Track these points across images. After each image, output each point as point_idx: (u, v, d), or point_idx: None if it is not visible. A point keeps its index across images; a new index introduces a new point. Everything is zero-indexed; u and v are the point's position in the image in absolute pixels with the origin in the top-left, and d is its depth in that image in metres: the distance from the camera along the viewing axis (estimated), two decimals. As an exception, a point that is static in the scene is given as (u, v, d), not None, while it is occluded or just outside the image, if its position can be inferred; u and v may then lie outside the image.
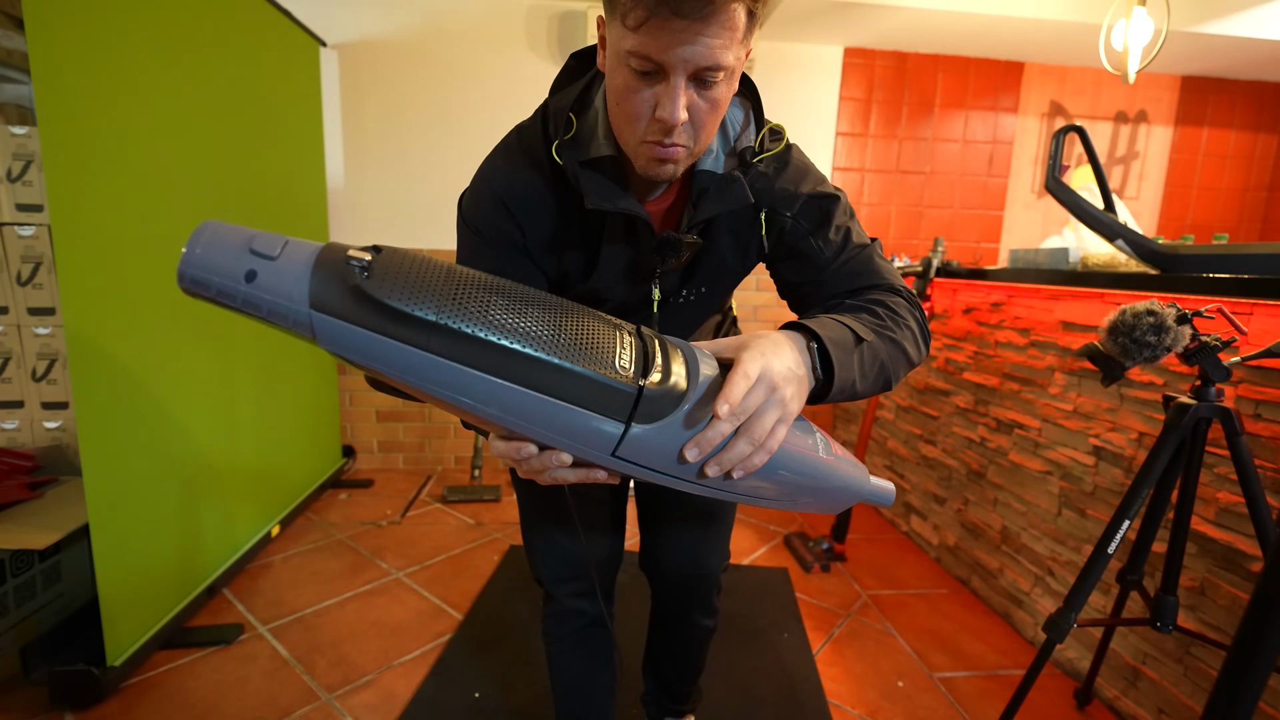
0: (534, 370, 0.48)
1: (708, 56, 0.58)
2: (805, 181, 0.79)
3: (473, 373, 0.46)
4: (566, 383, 0.48)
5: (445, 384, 0.47)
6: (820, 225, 0.78)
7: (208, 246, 0.43)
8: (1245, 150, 3.26)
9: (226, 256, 0.43)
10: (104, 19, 1.38)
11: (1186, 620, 1.28)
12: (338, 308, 0.44)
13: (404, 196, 2.83)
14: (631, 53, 0.59)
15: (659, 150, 0.65)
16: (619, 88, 0.64)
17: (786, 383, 0.55)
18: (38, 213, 1.68)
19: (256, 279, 0.43)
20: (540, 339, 0.48)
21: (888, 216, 3.13)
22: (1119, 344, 1.05)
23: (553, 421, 0.50)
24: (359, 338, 0.45)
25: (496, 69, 2.77)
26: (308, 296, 0.44)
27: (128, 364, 1.47)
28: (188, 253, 0.42)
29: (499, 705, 1.43)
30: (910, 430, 2.42)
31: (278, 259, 0.44)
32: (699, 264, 0.82)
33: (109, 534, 1.40)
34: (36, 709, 1.36)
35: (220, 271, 0.43)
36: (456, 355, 0.46)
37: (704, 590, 1.09)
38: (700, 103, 0.63)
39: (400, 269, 0.46)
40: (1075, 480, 1.62)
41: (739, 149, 0.76)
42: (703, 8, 0.55)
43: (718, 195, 0.74)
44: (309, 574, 1.98)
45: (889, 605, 1.92)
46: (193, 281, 0.43)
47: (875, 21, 2.66)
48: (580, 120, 0.74)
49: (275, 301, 0.44)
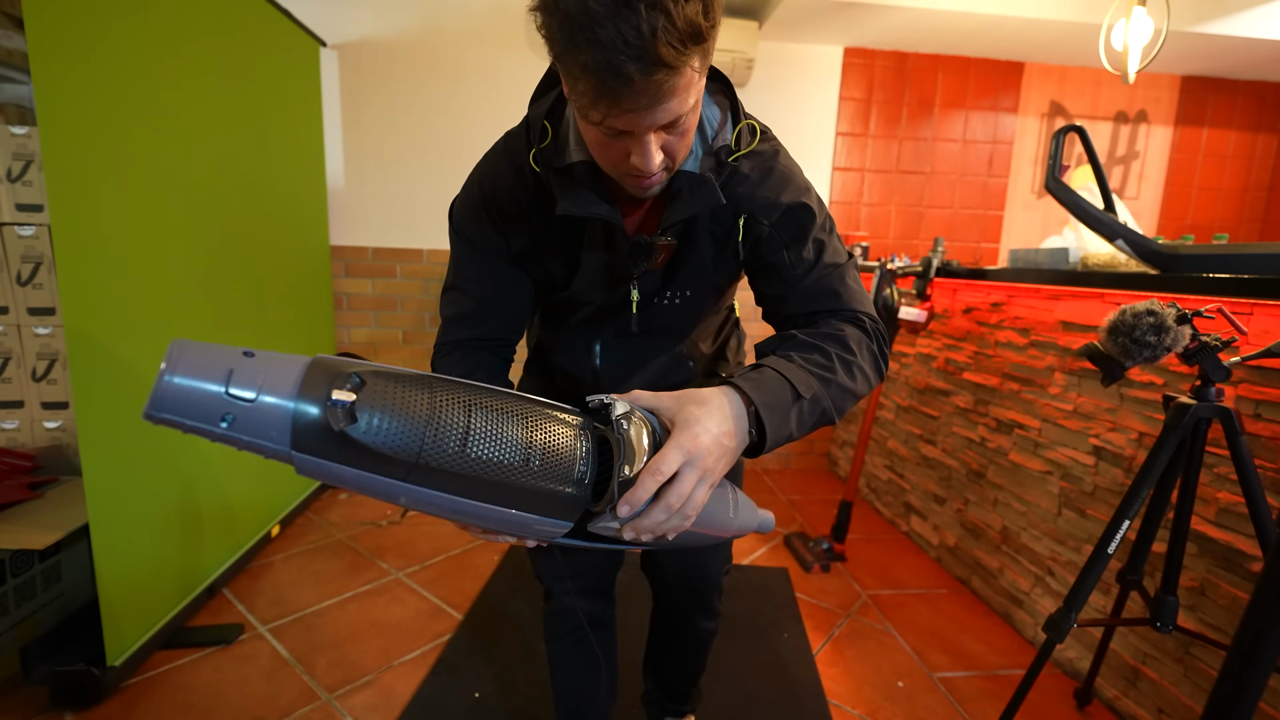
0: (501, 492, 0.51)
1: (669, 114, 0.60)
2: (787, 190, 0.78)
3: (445, 496, 0.50)
4: (528, 499, 0.53)
5: (419, 502, 0.50)
6: (795, 239, 0.78)
7: (180, 385, 0.40)
8: (1245, 150, 3.26)
9: (202, 400, 0.41)
10: (104, 19, 1.38)
11: (1186, 620, 1.28)
12: (319, 449, 0.44)
13: (404, 196, 2.83)
14: (597, 124, 0.61)
15: (640, 183, 0.68)
16: (592, 141, 0.66)
17: (713, 458, 0.59)
18: (38, 213, 1.68)
19: (235, 423, 0.42)
20: (510, 467, 0.51)
21: (888, 216, 3.13)
22: (1119, 344, 1.05)
23: (513, 525, 0.55)
24: (340, 473, 0.46)
25: (497, 69, 2.77)
26: (289, 439, 0.43)
27: (128, 364, 1.47)
28: (159, 391, 0.40)
29: (499, 705, 1.43)
30: (910, 430, 2.42)
31: (255, 402, 0.42)
32: (680, 266, 0.81)
33: (109, 534, 1.40)
34: (36, 709, 1.36)
35: (195, 415, 0.41)
36: (431, 484, 0.49)
37: (705, 593, 1.08)
38: (672, 140, 0.65)
39: (383, 407, 0.46)
40: (1075, 480, 1.62)
41: (715, 148, 0.76)
42: (652, 96, 0.56)
43: (690, 197, 0.73)
44: (309, 574, 1.98)
45: (889, 605, 1.92)
46: (165, 420, 0.41)
47: (875, 21, 2.66)
48: (556, 127, 0.75)
49: (255, 442, 0.43)
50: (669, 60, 0.54)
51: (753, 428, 0.64)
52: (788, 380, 0.66)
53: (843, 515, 2.17)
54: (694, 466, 0.57)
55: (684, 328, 0.92)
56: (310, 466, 0.44)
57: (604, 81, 0.55)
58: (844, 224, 3.15)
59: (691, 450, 0.57)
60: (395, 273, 2.88)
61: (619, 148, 0.64)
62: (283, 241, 2.26)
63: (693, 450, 0.57)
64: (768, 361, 0.71)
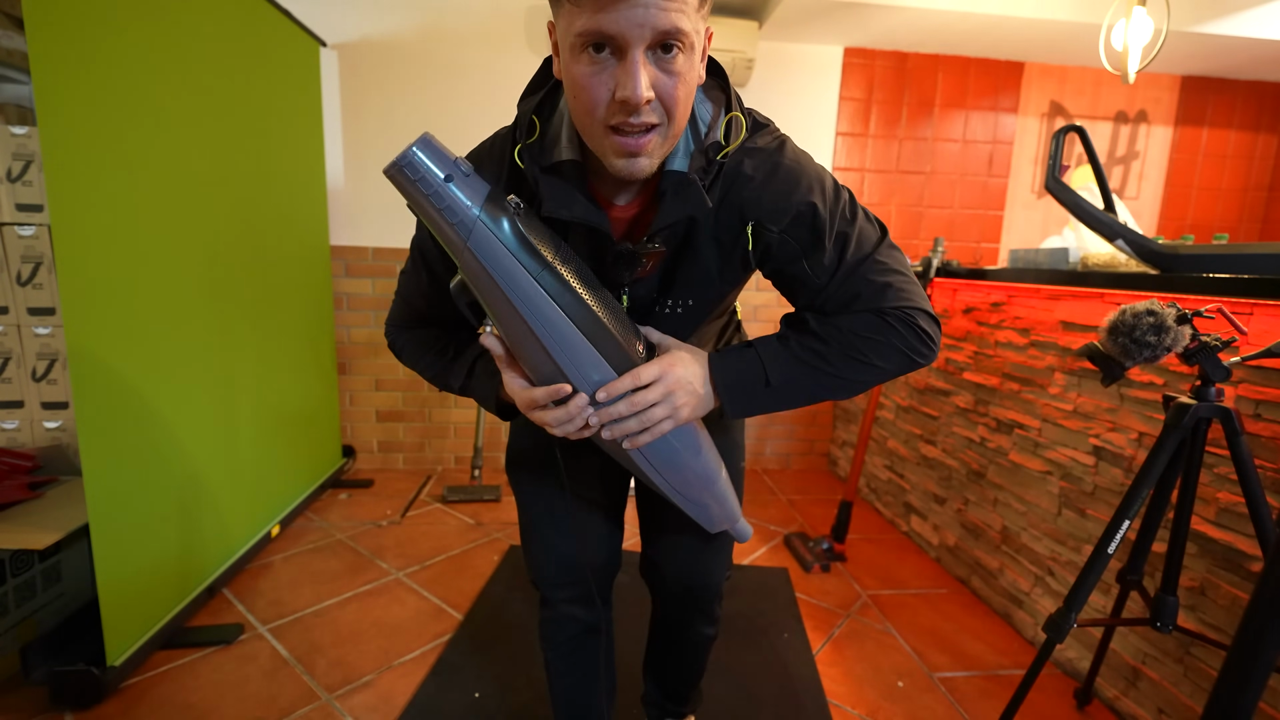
0: (590, 322, 0.66)
1: (663, 19, 0.56)
2: (795, 190, 0.72)
3: (554, 306, 0.64)
4: (603, 340, 0.67)
5: (533, 307, 0.64)
6: (812, 246, 0.73)
7: (426, 150, 0.58)
8: (1245, 150, 3.26)
9: (438, 160, 0.59)
10: (104, 19, 1.38)
11: (1186, 620, 1.28)
12: (493, 222, 0.61)
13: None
14: (582, 33, 0.57)
15: (627, 142, 0.61)
16: (576, 79, 0.60)
17: (681, 390, 0.71)
18: (38, 213, 1.68)
19: (452, 181, 0.59)
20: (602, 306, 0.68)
21: (888, 216, 3.13)
22: (1119, 344, 1.05)
23: (584, 360, 0.67)
24: (497, 250, 0.61)
25: (497, 69, 2.77)
26: (480, 207, 0.60)
27: (128, 364, 1.47)
28: (410, 150, 0.57)
29: (499, 705, 1.43)
30: (910, 430, 2.42)
31: (469, 176, 0.61)
32: (678, 274, 0.77)
33: (109, 534, 1.40)
34: (36, 709, 1.36)
35: (429, 169, 0.58)
36: (550, 291, 0.64)
37: (706, 600, 1.06)
38: (663, 76, 0.59)
39: (537, 222, 0.66)
40: (1075, 480, 1.62)
41: (706, 144, 0.70)
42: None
43: (674, 199, 0.68)
44: (309, 574, 1.98)
45: (889, 605, 1.93)
46: (407, 166, 0.57)
47: (875, 21, 2.66)
48: (545, 124, 0.72)
49: (457, 200, 0.59)
50: None
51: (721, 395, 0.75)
52: (763, 365, 0.74)
53: (843, 515, 2.18)
54: (662, 383, 0.70)
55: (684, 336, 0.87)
56: (482, 236, 0.60)
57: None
58: (844, 224, 3.15)
59: (665, 371, 0.70)
60: (395, 272, 2.88)
61: (605, 79, 0.59)
62: (283, 241, 2.26)
63: (665, 372, 0.70)
64: (759, 343, 0.77)
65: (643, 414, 0.70)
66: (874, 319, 0.74)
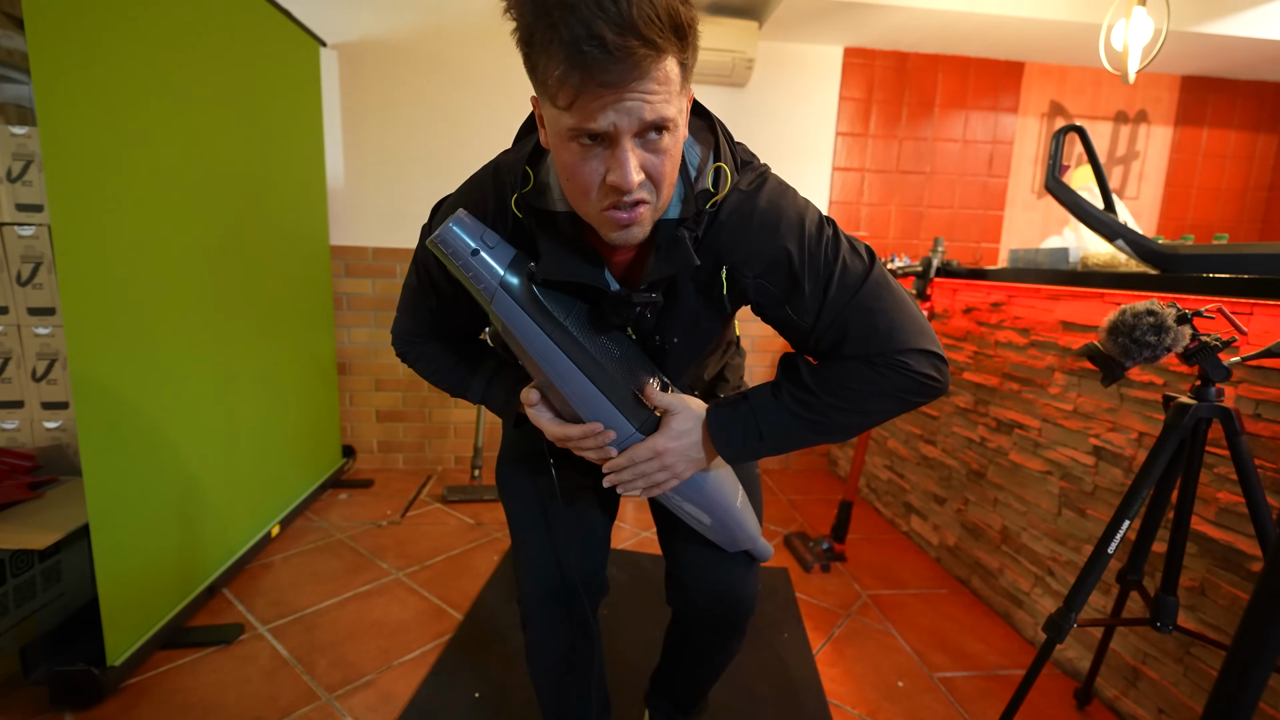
0: (601, 377, 0.75)
1: (649, 112, 0.57)
2: (774, 235, 0.72)
3: (566, 360, 0.73)
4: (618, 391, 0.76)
5: (549, 360, 0.73)
6: (792, 291, 0.73)
7: (459, 225, 0.68)
8: (1245, 150, 3.26)
9: (469, 234, 0.69)
10: (104, 19, 1.38)
11: (1186, 620, 1.28)
12: (513, 291, 0.70)
13: (404, 196, 2.83)
14: (572, 129, 0.58)
15: (620, 216, 0.63)
16: (567, 164, 0.62)
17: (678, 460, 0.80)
18: (38, 213, 1.68)
19: (479, 254, 0.68)
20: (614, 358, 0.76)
21: (888, 216, 3.13)
22: (1119, 344, 1.05)
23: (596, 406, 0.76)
24: (516, 313, 0.70)
25: (496, 69, 2.77)
26: (502, 276, 0.69)
27: (128, 363, 1.47)
28: (446, 227, 0.68)
29: (499, 705, 1.43)
30: (910, 430, 2.42)
31: (495, 248, 0.69)
32: (664, 318, 0.79)
33: (109, 534, 1.40)
34: (36, 709, 1.36)
35: (461, 242, 0.68)
36: (564, 348, 0.73)
37: (740, 615, 0.99)
38: (652, 158, 0.61)
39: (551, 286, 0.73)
40: (1075, 480, 1.61)
41: (697, 192, 0.71)
42: (628, 71, 0.54)
43: (667, 254, 0.70)
44: (309, 574, 1.98)
45: (889, 605, 1.92)
46: (442, 242, 0.68)
47: (875, 21, 2.66)
48: (537, 171, 0.72)
49: (482, 271, 0.69)
50: (646, 33, 0.52)
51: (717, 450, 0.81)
52: (755, 419, 0.79)
53: (843, 515, 2.17)
54: (658, 459, 0.79)
55: (686, 367, 0.89)
56: (503, 301, 0.70)
57: (578, 49, 0.52)
58: (844, 224, 3.15)
59: (660, 450, 0.79)
60: (395, 273, 2.88)
61: (595, 167, 0.60)
62: (283, 241, 2.26)
63: (661, 450, 0.79)
64: (754, 394, 0.80)
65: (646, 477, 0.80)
66: (862, 367, 0.74)
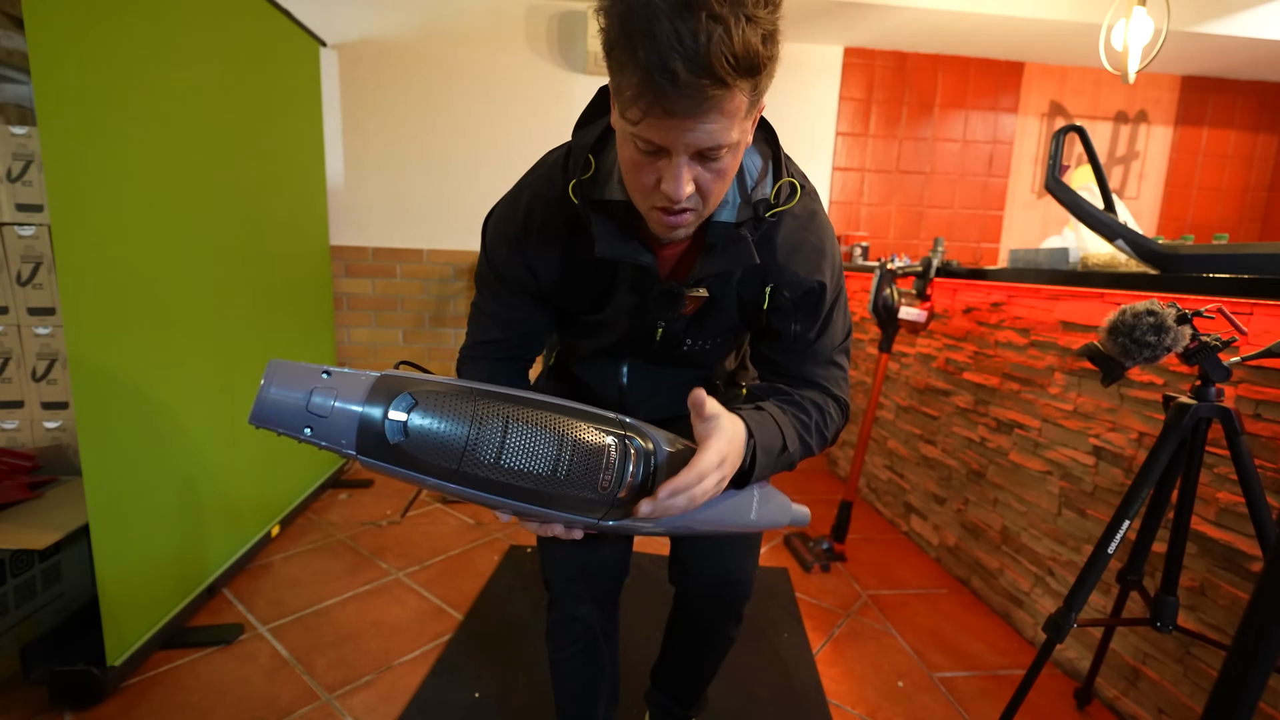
0: (531, 495, 0.60)
1: (708, 139, 0.59)
2: (816, 267, 0.80)
3: (484, 495, 0.59)
4: (558, 502, 0.61)
5: (464, 496, 0.59)
6: (808, 315, 0.81)
7: (274, 401, 0.53)
8: (1245, 150, 3.26)
9: (288, 412, 0.53)
10: (104, 19, 1.38)
11: (1186, 620, 1.28)
12: (379, 455, 0.55)
13: (404, 196, 2.83)
14: (634, 135, 0.61)
15: (667, 218, 0.67)
16: (626, 159, 0.66)
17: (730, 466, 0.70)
18: (38, 213, 1.68)
19: (315, 432, 0.54)
20: (540, 477, 0.59)
21: (888, 216, 3.13)
22: (1119, 344, 1.05)
23: (548, 518, 0.64)
24: (395, 472, 0.56)
25: (496, 69, 2.77)
26: (355, 446, 0.55)
27: (128, 364, 1.47)
28: (258, 404, 0.53)
29: (499, 705, 1.43)
30: (910, 430, 2.42)
31: (329, 418, 0.54)
32: (706, 321, 0.84)
33: (109, 534, 1.40)
34: (36, 709, 1.36)
35: (283, 424, 0.53)
36: (472, 485, 0.58)
37: (737, 599, 1.05)
38: (705, 174, 0.64)
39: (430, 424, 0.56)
40: (1075, 480, 1.62)
41: (754, 199, 0.75)
42: (695, 106, 0.56)
43: (724, 252, 0.74)
44: (309, 574, 1.98)
45: (889, 605, 1.92)
46: (261, 425, 0.53)
47: (875, 21, 2.66)
48: (599, 160, 0.75)
49: (330, 446, 0.54)
50: (718, 72, 0.54)
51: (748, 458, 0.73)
52: (781, 432, 0.77)
53: (843, 515, 2.17)
54: (720, 469, 0.67)
55: (709, 364, 0.95)
56: (373, 466, 0.55)
57: (651, 77, 0.54)
58: (844, 224, 3.15)
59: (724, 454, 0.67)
60: (395, 273, 2.88)
61: (652, 170, 0.63)
62: (283, 241, 2.26)
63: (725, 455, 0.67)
64: (770, 409, 0.78)
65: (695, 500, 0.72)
66: (832, 402, 0.84)
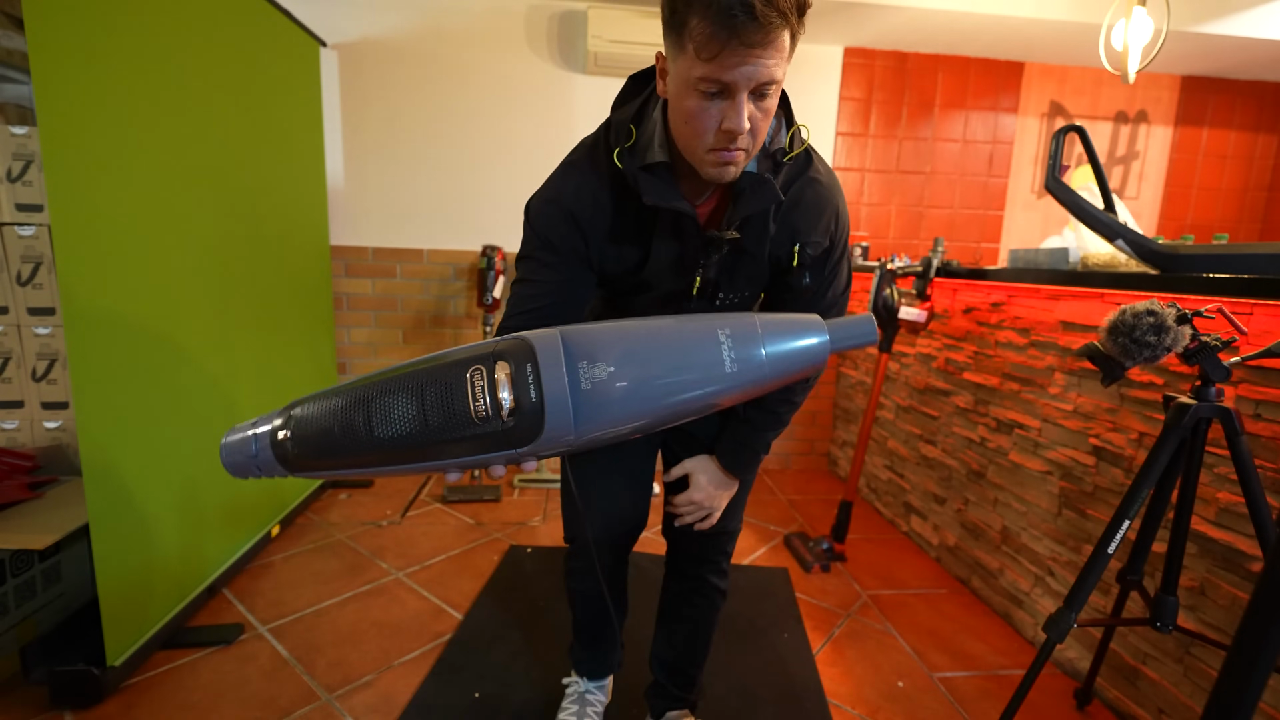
0: (427, 452, 0.62)
1: (766, 73, 0.70)
2: (836, 228, 0.93)
3: (387, 467, 0.64)
4: (453, 447, 0.62)
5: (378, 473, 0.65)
6: (818, 267, 0.94)
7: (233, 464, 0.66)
8: (1245, 150, 3.26)
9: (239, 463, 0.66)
10: (104, 19, 1.38)
11: (1186, 620, 1.28)
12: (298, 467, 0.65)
13: (404, 196, 2.83)
14: (702, 79, 0.70)
15: (724, 155, 0.77)
16: (688, 109, 0.75)
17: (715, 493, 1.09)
18: (38, 213, 1.68)
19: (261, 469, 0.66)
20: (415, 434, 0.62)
21: (888, 216, 3.13)
22: (1119, 344, 1.05)
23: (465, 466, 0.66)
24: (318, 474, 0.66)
25: (496, 69, 2.77)
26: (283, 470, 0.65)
27: (128, 364, 1.47)
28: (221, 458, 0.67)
29: (499, 705, 1.43)
30: (910, 430, 2.42)
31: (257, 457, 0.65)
32: (740, 268, 0.93)
33: (109, 534, 1.40)
34: (36, 709, 1.36)
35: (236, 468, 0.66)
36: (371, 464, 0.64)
37: (716, 547, 1.18)
38: (757, 112, 0.74)
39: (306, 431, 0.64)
40: (1075, 480, 1.61)
41: (772, 150, 0.86)
42: (765, 35, 0.67)
43: (752, 194, 0.84)
44: (309, 574, 1.98)
45: (889, 605, 1.92)
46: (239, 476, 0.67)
47: (875, 21, 2.66)
48: (639, 130, 0.86)
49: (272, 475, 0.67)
50: (782, 6, 0.65)
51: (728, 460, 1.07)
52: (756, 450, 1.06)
53: (843, 515, 2.17)
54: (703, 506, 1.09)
55: None
56: (305, 475, 0.66)
57: (730, 14, 0.64)
58: (844, 224, 3.15)
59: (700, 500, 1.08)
60: (395, 273, 2.88)
61: (712, 114, 0.73)
62: (283, 241, 2.26)
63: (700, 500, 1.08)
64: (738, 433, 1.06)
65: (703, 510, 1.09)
66: None
